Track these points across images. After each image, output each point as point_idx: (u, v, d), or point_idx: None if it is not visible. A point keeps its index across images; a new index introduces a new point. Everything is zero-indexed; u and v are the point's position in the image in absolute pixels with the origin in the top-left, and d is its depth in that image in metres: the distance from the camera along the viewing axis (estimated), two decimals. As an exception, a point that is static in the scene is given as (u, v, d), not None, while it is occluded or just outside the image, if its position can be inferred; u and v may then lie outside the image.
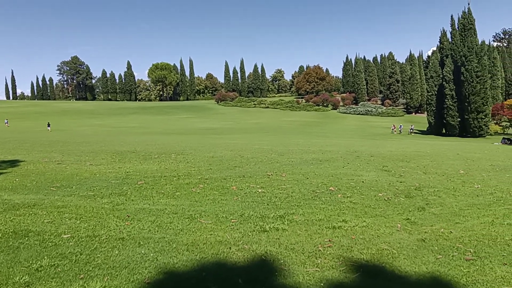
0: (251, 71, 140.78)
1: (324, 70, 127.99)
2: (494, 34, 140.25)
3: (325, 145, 19.71)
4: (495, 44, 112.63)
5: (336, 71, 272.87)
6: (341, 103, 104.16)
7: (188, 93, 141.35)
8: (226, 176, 8.39)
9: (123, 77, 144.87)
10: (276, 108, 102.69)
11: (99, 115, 78.97)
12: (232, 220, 4.96)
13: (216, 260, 3.64)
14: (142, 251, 3.84)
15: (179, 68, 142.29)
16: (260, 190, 6.86)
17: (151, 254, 3.76)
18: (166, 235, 4.36)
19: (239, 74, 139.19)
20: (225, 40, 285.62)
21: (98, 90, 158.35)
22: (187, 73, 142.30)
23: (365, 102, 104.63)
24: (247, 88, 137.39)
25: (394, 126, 57.48)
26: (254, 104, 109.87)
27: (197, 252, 3.82)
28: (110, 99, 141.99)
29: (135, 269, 3.42)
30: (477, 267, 3.46)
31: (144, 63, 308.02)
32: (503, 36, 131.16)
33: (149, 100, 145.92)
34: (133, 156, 12.05)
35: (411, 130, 57.41)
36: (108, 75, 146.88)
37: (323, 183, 7.62)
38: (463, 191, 6.87)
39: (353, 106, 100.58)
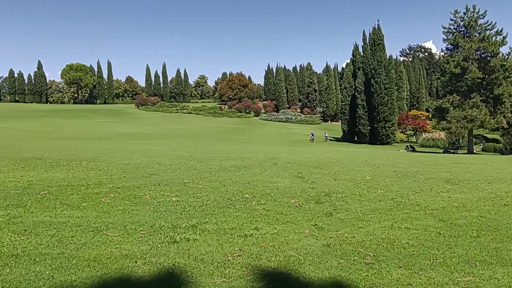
0: (174, 76, 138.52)
1: (247, 78, 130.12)
2: (401, 50, 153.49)
3: (245, 152, 19.92)
4: (401, 58, 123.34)
5: (258, 79, 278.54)
6: (263, 110, 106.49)
7: (106, 97, 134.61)
8: (140, 185, 8.09)
9: (32, 77, 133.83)
10: (199, 114, 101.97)
11: (5, 118, 71.86)
12: (142, 232, 4.77)
13: (119, 275, 3.46)
14: (37, 269, 3.53)
15: (96, 69, 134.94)
16: (174, 199, 6.70)
17: (47, 272, 3.47)
18: (66, 250, 4.06)
19: (161, 79, 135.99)
20: (147, 43, 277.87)
21: (4, 91, 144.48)
22: (105, 76, 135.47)
23: (286, 109, 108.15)
24: (169, 93, 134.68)
25: (313, 133, 60.04)
26: (176, 109, 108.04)
27: (99, 268, 3.60)
28: (17, 101, 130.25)
29: (26, 290, 3.13)
30: (375, 271, 3.68)
31: (58, 63, 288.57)
32: (409, 52, 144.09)
33: (62, 102, 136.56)
34: (38, 163, 11.12)
35: (326, 138, 60.33)
36: (15, 75, 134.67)
37: (239, 190, 7.67)
38: (367, 196, 7.33)
39: (274, 113, 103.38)
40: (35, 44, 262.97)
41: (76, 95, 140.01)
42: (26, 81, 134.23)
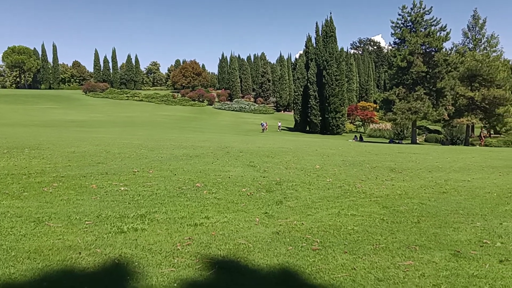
0: (124, 62, 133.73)
1: (201, 66, 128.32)
2: (352, 42, 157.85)
3: (198, 140, 19.74)
4: (352, 51, 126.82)
5: (212, 68, 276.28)
6: (216, 99, 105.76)
7: (51, 82, 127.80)
8: (87, 174, 7.80)
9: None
10: (150, 102, 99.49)
11: None
12: (87, 222, 4.60)
13: (62, 267, 3.32)
14: (-29, 263, 3.31)
15: (40, 53, 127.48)
16: (122, 188, 6.52)
17: (-18, 266, 3.26)
18: (4, 242, 3.83)
19: (110, 64, 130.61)
20: (95, 27, 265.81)
21: None
22: (50, 60, 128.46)
23: (239, 99, 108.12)
24: (119, 79, 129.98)
25: (266, 123, 60.49)
26: (127, 96, 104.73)
27: (40, 260, 3.43)
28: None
29: (-43, 286, 2.93)
30: (321, 257, 3.78)
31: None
32: (359, 45, 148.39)
33: (4, 87, 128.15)
34: (-27, 151, 10.40)
35: (280, 127, 61.02)
36: None
37: (191, 179, 7.59)
38: (317, 184, 7.52)
39: (228, 102, 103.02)
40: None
41: (18, 79, 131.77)
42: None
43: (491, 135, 55.97)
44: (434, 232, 4.65)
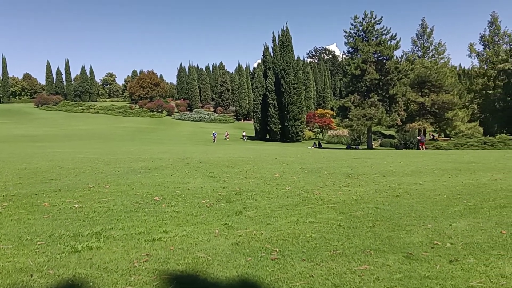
0: (78, 73, 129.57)
1: (159, 76, 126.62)
2: (308, 51, 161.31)
3: (157, 152, 19.42)
4: (308, 60, 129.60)
5: (171, 78, 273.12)
6: (175, 110, 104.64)
7: (1, 95, 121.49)
8: (39, 191, 7.48)
9: None
10: (107, 114, 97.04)
11: None
12: (39, 243, 4.41)
13: (11, 292, 3.16)
14: None
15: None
16: (77, 205, 6.31)
17: None
18: None
19: (63, 76, 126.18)
20: (47, 38, 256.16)
21: None
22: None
23: (199, 109, 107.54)
24: (73, 91, 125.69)
25: (227, 133, 60.36)
26: (82, 109, 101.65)
27: (-14, 286, 3.26)
28: None
29: None
30: (280, 266, 3.82)
31: None
32: (315, 54, 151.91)
33: None
34: None
35: (244, 137, 60.99)
36: None
37: (149, 193, 7.46)
38: (276, 193, 7.60)
39: (188, 112, 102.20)
40: None
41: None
42: None
43: (435, 138, 58.90)
44: (388, 235, 4.83)
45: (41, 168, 11.27)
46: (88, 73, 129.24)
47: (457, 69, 73.16)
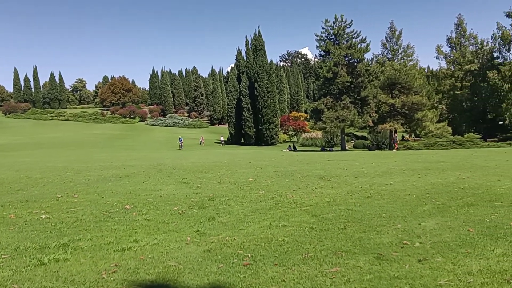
0: (47, 80, 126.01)
1: (131, 81, 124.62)
2: (281, 55, 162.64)
3: (129, 159, 19.09)
4: (281, 63, 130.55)
5: (143, 83, 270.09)
6: (149, 115, 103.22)
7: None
8: (4, 203, 7.23)
9: None
10: (78, 121, 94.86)
11: None
12: (3, 256, 4.25)
13: (-31, 312, 3.02)
14: None
15: None
16: (44, 216, 6.11)
17: None
18: None
19: (32, 83, 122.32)
20: (13, 44, 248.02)
21: None
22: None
23: (173, 114, 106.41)
24: (42, 98, 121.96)
25: (202, 137, 59.88)
26: (51, 116, 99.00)
27: None
28: None
29: None
30: (252, 271, 3.79)
31: None
32: (287, 57, 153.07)
33: None
34: None
35: (222, 141, 60.56)
36: None
37: (119, 201, 7.31)
38: (249, 197, 7.58)
39: (161, 118, 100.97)
40: None
41: None
42: None
43: (404, 138, 60.38)
44: (359, 236, 4.88)
45: (8, 178, 10.89)
46: (57, 79, 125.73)
47: (426, 70, 75.11)
